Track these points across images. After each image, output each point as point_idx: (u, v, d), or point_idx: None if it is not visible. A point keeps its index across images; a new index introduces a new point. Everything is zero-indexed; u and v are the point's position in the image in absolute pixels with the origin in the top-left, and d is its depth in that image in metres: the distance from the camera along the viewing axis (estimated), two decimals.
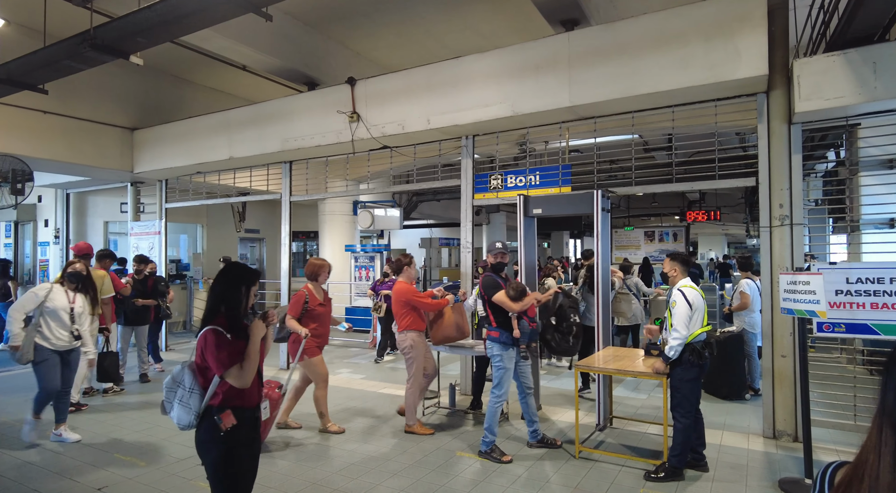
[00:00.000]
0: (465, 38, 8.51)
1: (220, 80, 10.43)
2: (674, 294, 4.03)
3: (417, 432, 5.05)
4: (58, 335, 4.68)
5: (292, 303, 4.92)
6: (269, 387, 4.57)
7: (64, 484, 3.97)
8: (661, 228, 18.97)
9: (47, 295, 4.66)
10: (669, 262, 4.27)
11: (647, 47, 5.16)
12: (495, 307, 4.48)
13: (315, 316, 4.91)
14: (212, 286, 2.59)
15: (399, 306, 5.12)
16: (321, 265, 5.11)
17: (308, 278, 5.07)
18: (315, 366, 4.96)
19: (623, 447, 4.70)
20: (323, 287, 5.17)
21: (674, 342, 3.91)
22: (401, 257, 5.50)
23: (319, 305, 4.96)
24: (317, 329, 4.90)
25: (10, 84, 5.66)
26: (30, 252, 12.43)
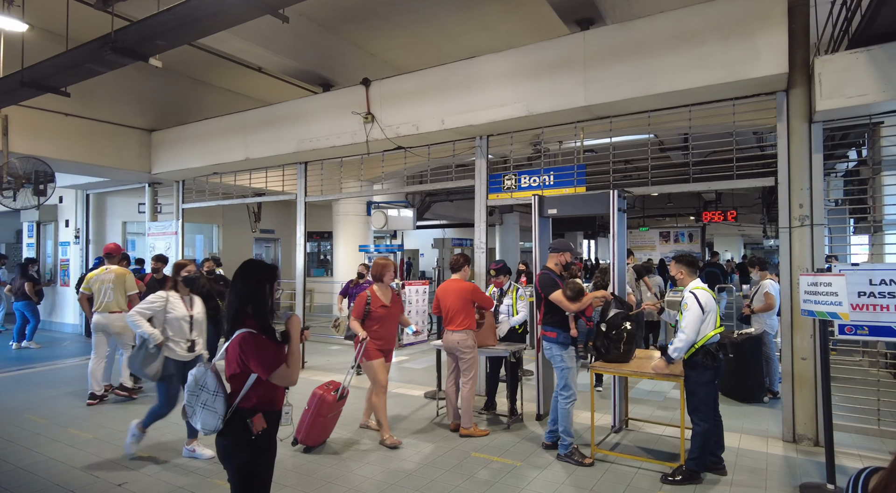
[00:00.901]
0: (480, 38, 8.50)
1: (236, 82, 10.55)
2: (686, 296, 3.99)
3: (475, 434, 4.95)
4: (181, 346, 4.40)
5: (355, 304, 4.82)
6: (326, 389, 4.58)
7: (85, 479, 4.04)
8: (676, 228, 18.80)
9: (166, 304, 4.38)
10: (675, 264, 4.23)
11: (664, 46, 5.11)
12: (550, 306, 4.48)
13: (377, 318, 4.75)
14: (233, 286, 2.50)
15: (461, 303, 4.97)
16: (385, 265, 4.88)
17: (373, 278, 4.93)
18: (373, 370, 4.76)
19: (639, 449, 4.66)
20: (392, 288, 4.99)
21: (679, 344, 3.88)
22: (459, 256, 5.36)
23: (382, 307, 4.78)
24: (378, 332, 4.75)
25: (35, 87, 5.77)
26: (51, 252, 12.67)
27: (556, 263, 4.72)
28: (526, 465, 4.32)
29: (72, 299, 11.66)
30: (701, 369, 3.91)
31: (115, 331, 6.21)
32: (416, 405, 6.00)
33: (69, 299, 11.72)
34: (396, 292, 5.17)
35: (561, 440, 4.44)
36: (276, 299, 2.73)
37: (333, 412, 4.66)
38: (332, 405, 4.57)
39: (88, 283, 6.24)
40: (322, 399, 4.52)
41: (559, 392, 4.50)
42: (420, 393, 6.46)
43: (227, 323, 2.46)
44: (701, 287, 4.02)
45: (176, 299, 4.44)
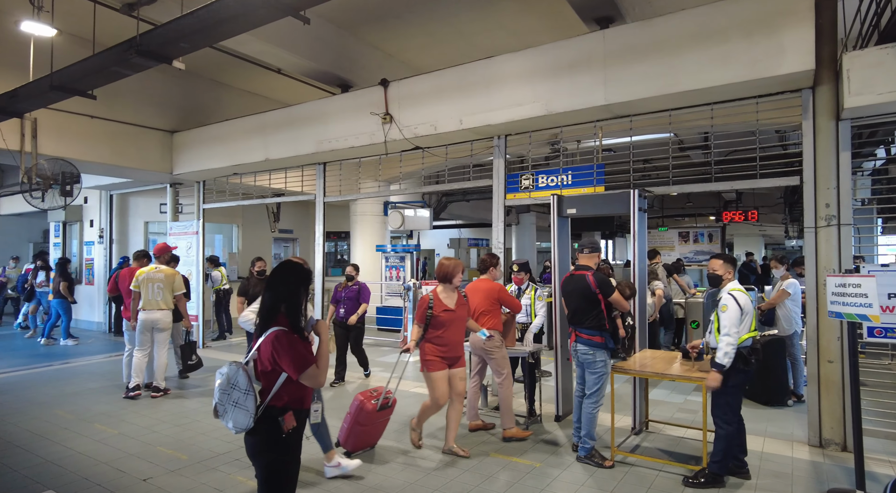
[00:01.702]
0: (497, 37, 8.48)
1: (256, 84, 10.67)
2: (724, 298, 3.89)
3: (518, 435, 4.85)
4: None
5: (417, 308, 4.45)
6: (368, 396, 4.39)
7: (112, 474, 4.12)
8: (695, 228, 18.52)
9: None
10: (723, 264, 4.07)
11: (685, 44, 5.05)
12: (593, 308, 4.37)
13: (440, 323, 4.31)
14: (270, 285, 2.53)
15: (488, 303, 4.88)
16: (455, 265, 4.47)
17: (438, 280, 4.51)
18: (432, 381, 4.36)
19: (660, 451, 4.61)
20: (458, 290, 4.54)
21: (727, 348, 3.75)
22: (487, 256, 5.22)
23: (446, 311, 4.34)
24: (442, 338, 4.32)
25: (63, 91, 5.91)
26: (76, 251, 12.96)
27: (594, 262, 4.63)
28: (545, 466, 4.30)
29: (96, 298, 11.92)
30: (732, 372, 3.83)
31: (162, 328, 6.38)
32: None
33: (94, 298, 11.97)
34: (411, 290, 5.13)
35: (582, 443, 4.40)
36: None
37: (374, 421, 4.42)
38: (371, 415, 4.35)
39: (137, 281, 6.39)
40: (361, 407, 4.33)
41: (589, 397, 4.39)
42: None
43: (260, 321, 2.49)
44: (739, 288, 3.94)
45: None
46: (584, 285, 4.42)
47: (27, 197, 8.11)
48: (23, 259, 14.58)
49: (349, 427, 4.41)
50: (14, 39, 7.28)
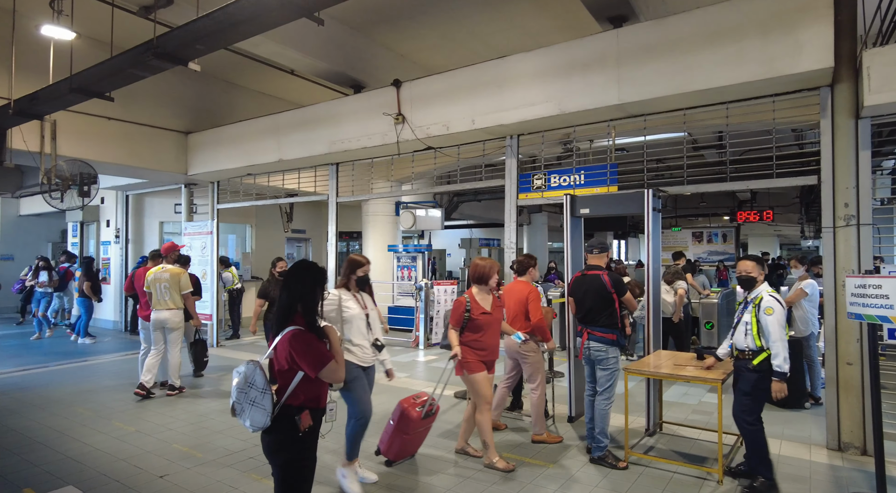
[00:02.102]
0: (510, 37, 8.47)
1: (269, 85, 10.76)
2: (767, 300, 3.81)
3: (548, 440, 4.78)
4: (363, 348, 3.90)
5: (452, 311, 4.26)
6: (412, 403, 4.17)
7: (129, 470, 4.18)
8: (709, 228, 18.36)
9: (340, 303, 3.89)
10: (755, 265, 3.96)
11: (700, 43, 5.01)
12: (607, 307, 4.43)
13: (477, 326, 4.17)
14: (286, 285, 2.55)
15: (520, 307, 4.75)
16: (491, 266, 4.28)
17: (472, 280, 4.32)
18: (475, 384, 4.21)
19: (674, 453, 4.58)
20: (494, 291, 4.40)
21: (784, 353, 3.73)
22: (524, 257, 5.05)
23: (484, 313, 4.21)
24: (480, 341, 4.19)
25: (82, 93, 6.00)
26: (93, 251, 13.16)
27: (604, 262, 4.67)
28: (558, 467, 4.28)
29: (112, 296, 12.09)
30: (766, 374, 3.79)
31: (171, 327, 6.42)
32: (446, 405, 6.02)
33: (110, 296, 12.14)
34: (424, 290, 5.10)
35: (596, 442, 4.38)
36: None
37: (419, 429, 4.25)
38: (417, 423, 4.15)
39: (147, 281, 6.48)
40: (406, 416, 4.09)
41: (602, 393, 4.41)
42: (450, 393, 6.47)
43: (277, 320, 2.51)
44: (773, 290, 3.90)
45: (349, 298, 3.93)
46: (599, 285, 4.47)
47: (47, 198, 8.26)
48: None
49: (392, 436, 4.19)
50: (35, 43, 7.42)
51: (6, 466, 4.25)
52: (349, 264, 3.98)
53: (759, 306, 3.83)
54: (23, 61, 7.40)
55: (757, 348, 3.83)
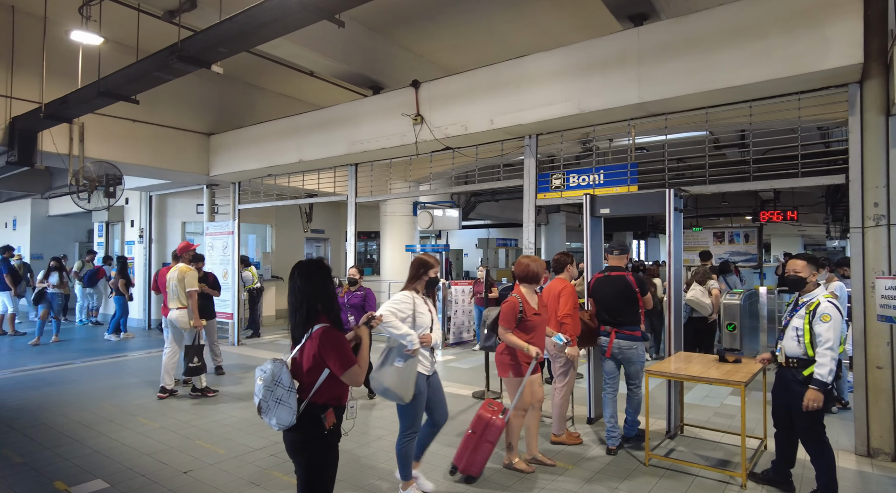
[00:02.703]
0: (528, 37, 8.45)
1: (289, 86, 10.88)
2: (824, 307, 3.50)
3: (568, 441, 4.72)
4: (427, 357, 3.64)
5: (504, 311, 4.05)
6: (492, 411, 3.97)
7: (154, 465, 4.27)
8: (731, 228, 18.05)
9: (414, 305, 3.59)
10: (806, 265, 3.63)
11: (722, 40, 4.94)
12: (630, 304, 4.62)
13: (529, 327, 4.04)
14: (296, 287, 2.54)
15: (555, 306, 4.64)
16: (540, 266, 4.14)
17: (521, 280, 4.17)
18: (511, 386, 4.12)
19: (696, 455, 4.52)
20: (537, 292, 4.28)
21: (832, 363, 3.38)
22: (561, 255, 4.95)
23: (535, 314, 4.07)
24: (531, 342, 4.04)
25: (109, 96, 6.14)
26: (118, 250, 13.45)
27: (624, 263, 4.82)
28: (578, 469, 4.26)
29: (136, 295, 12.35)
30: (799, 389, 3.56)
31: (181, 326, 6.48)
32: (465, 405, 6.02)
33: (134, 295, 12.41)
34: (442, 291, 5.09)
35: (631, 425, 4.65)
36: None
37: (499, 434, 4.01)
38: (501, 431, 3.96)
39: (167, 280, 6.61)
40: (492, 424, 3.90)
41: (638, 386, 4.64)
42: (468, 393, 6.47)
43: (300, 322, 2.50)
44: (830, 295, 3.62)
45: (421, 302, 3.62)
46: (624, 285, 4.61)
47: (74, 198, 8.46)
48: (70, 258, 15.23)
49: (475, 447, 3.92)
50: (64, 48, 7.61)
51: (38, 459, 4.38)
52: (420, 265, 3.65)
53: (815, 312, 3.51)
54: (53, 66, 7.61)
55: (809, 358, 3.53)
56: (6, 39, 7.51)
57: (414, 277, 3.66)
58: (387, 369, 3.42)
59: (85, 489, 3.84)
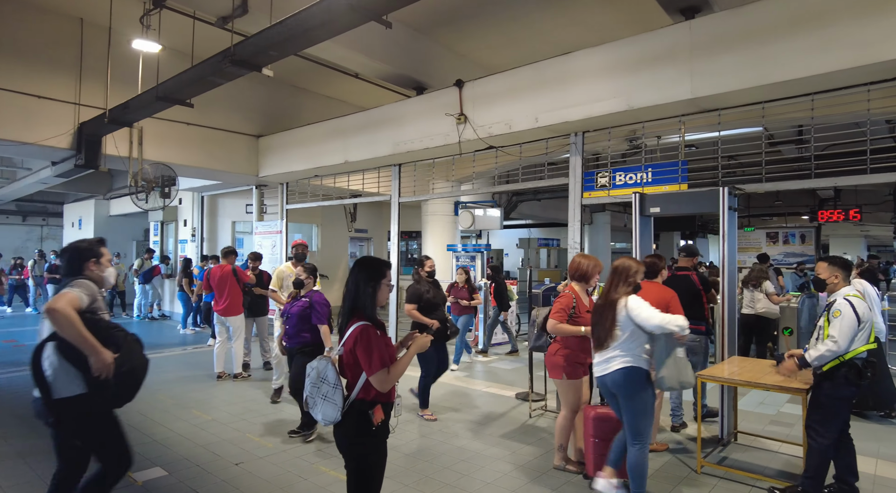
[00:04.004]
0: (572, 33, 8.30)
1: (334, 88, 11.08)
2: (838, 303, 3.54)
3: (655, 449, 4.54)
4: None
5: (558, 307, 3.99)
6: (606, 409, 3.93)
7: (208, 456, 4.43)
8: (785, 228, 17.24)
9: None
10: (829, 267, 3.70)
11: (782, 31, 4.72)
12: (696, 300, 4.96)
13: (579, 324, 3.99)
14: (348, 283, 2.59)
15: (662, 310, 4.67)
16: (594, 265, 4.09)
17: (574, 278, 4.12)
18: (571, 389, 4.05)
19: (751, 464, 4.33)
20: (588, 292, 4.21)
21: (825, 352, 3.44)
22: (654, 257, 4.72)
23: (588, 311, 4.01)
24: (583, 343, 3.99)
25: (166, 100, 6.43)
26: (172, 248, 14.05)
27: (692, 264, 5.40)
28: None
29: None
30: (841, 382, 3.50)
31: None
32: (508, 406, 5.98)
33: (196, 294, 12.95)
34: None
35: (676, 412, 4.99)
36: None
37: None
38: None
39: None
40: (606, 419, 3.89)
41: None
42: (511, 394, 6.43)
43: (343, 316, 2.55)
44: (857, 295, 3.58)
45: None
46: (689, 283, 5.04)
47: (133, 199, 8.91)
48: (129, 256, 16.03)
49: (597, 446, 3.91)
50: (125, 56, 8.01)
51: None
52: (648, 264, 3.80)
53: (832, 308, 3.58)
54: (117, 75, 8.03)
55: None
56: (76, 50, 7.97)
57: (626, 283, 3.58)
58: (670, 364, 3.46)
59: (146, 476, 4.02)
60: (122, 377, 2.74)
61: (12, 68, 7.42)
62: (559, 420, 4.12)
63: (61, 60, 7.87)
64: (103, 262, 3.02)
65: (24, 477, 3.97)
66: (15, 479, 3.93)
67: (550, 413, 5.67)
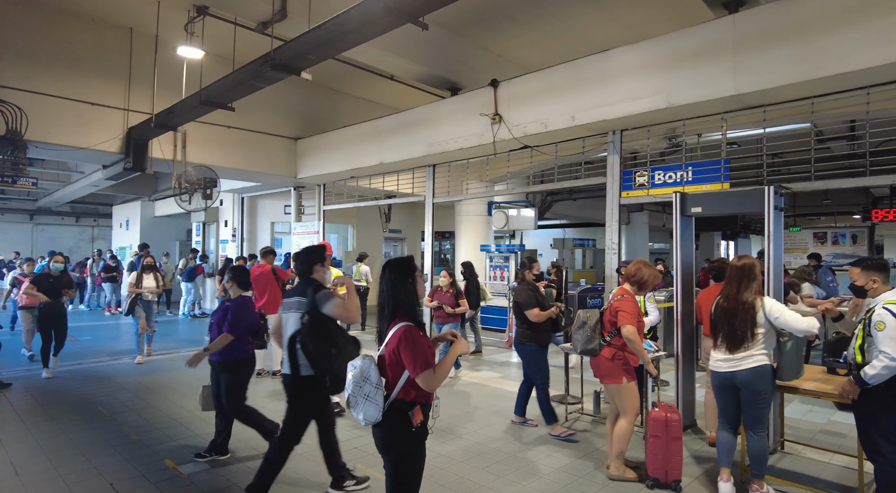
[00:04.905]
0: (610, 30, 8.17)
1: (370, 90, 11.22)
2: (878, 314, 3.23)
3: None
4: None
5: (631, 312, 3.91)
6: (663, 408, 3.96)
7: (248, 451, 4.55)
8: (835, 228, 16.50)
9: None
10: (863, 272, 3.43)
11: (833, 22, 4.53)
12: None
13: (639, 330, 3.95)
14: (386, 284, 2.59)
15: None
16: (655, 276, 4.07)
17: (631, 283, 4.07)
18: (630, 393, 3.96)
19: (800, 475, 4.15)
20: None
21: (882, 370, 3.13)
22: (722, 262, 4.66)
23: (639, 320, 3.99)
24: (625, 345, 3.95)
25: (209, 105, 6.64)
26: (213, 248, 14.50)
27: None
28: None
29: None
30: (886, 397, 3.23)
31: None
32: None
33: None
34: None
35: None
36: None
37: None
38: (681, 422, 3.92)
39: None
40: (671, 421, 3.86)
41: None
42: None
43: (385, 319, 2.56)
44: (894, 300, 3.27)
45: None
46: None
47: (177, 200, 9.22)
48: (172, 256, 16.62)
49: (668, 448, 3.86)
50: (171, 63, 8.32)
51: (151, 438, 4.80)
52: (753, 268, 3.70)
53: (870, 319, 3.27)
54: (163, 81, 8.35)
55: (857, 365, 3.31)
56: (126, 58, 8.33)
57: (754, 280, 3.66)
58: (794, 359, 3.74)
59: (190, 468, 4.16)
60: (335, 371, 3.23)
61: (69, 77, 7.81)
62: (623, 426, 3.96)
63: (112, 68, 8.24)
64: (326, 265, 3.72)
65: (81, 465, 4.17)
66: (72, 467, 4.13)
67: (587, 416, 5.59)
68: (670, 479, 3.86)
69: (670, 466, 3.85)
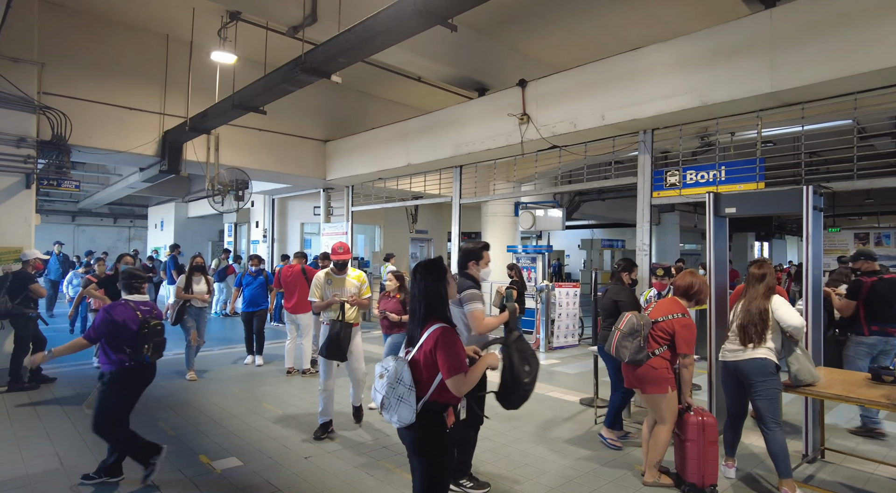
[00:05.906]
0: (641, 28, 8.04)
1: (397, 92, 11.30)
2: None
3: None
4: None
5: (692, 332, 3.86)
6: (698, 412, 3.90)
7: (279, 449, 4.62)
8: (877, 229, 15.86)
9: None
10: None
11: (879, 14, 4.36)
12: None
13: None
14: (419, 286, 2.59)
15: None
16: (707, 291, 4.10)
17: (680, 293, 4.03)
18: (673, 401, 3.89)
19: (842, 486, 4.00)
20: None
21: None
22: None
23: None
24: (674, 358, 3.94)
25: (241, 108, 6.78)
26: (245, 249, 14.80)
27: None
28: None
29: None
30: None
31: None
32: (573, 411, 5.86)
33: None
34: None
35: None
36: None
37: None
38: (716, 426, 3.91)
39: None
40: (707, 424, 3.84)
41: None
42: (575, 399, 6.29)
43: (418, 321, 2.55)
44: None
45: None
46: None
47: (210, 201, 9.45)
48: (204, 256, 17.04)
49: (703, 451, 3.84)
50: (205, 68, 8.54)
51: (185, 434, 4.93)
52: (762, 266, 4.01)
53: None
54: (197, 85, 8.57)
55: None
56: (162, 64, 8.58)
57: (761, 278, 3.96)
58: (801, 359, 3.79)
59: (224, 465, 4.25)
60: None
61: (109, 83, 8.09)
62: (663, 435, 3.89)
63: (150, 74, 8.50)
64: (481, 264, 3.85)
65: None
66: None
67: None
68: (707, 483, 3.78)
69: (707, 471, 3.80)
